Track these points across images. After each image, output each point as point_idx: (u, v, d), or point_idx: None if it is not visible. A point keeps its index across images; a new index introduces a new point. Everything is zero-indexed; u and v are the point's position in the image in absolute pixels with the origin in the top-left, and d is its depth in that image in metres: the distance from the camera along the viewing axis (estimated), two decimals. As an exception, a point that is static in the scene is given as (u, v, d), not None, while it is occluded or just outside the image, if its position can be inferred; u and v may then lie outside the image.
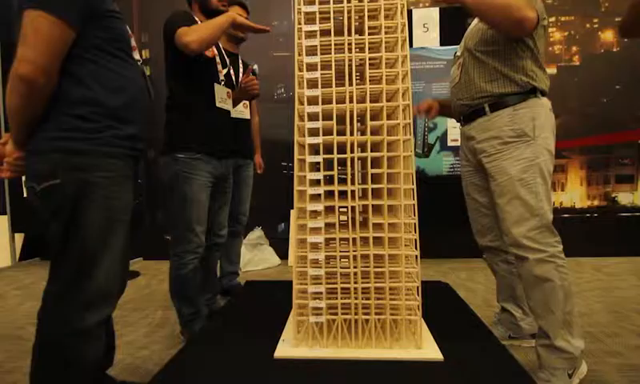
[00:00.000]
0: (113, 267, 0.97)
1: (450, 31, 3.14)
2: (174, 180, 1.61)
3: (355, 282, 1.13)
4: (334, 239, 1.15)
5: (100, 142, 0.92)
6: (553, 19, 3.51)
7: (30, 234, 3.78)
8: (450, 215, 2.63)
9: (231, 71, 1.95)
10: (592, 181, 3.53)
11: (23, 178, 0.97)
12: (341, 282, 1.14)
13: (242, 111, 2.22)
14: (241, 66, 2.24)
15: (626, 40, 3.33)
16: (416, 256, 1.13)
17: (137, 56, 1.08)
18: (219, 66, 1.72)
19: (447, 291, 1.78)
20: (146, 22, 3.72)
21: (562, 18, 3.54)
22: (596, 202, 3.53)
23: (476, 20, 1.48)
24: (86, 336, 0.96)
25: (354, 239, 1.14)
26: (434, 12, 3.17)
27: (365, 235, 1.14)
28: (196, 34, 1.45)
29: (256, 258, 3.30)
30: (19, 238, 3.79)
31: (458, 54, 1.54)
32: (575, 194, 3.55)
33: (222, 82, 1.73)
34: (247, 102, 2.26)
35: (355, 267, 1.13)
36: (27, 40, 0.84)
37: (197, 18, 1.67)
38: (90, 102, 0.92)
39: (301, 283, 1.16)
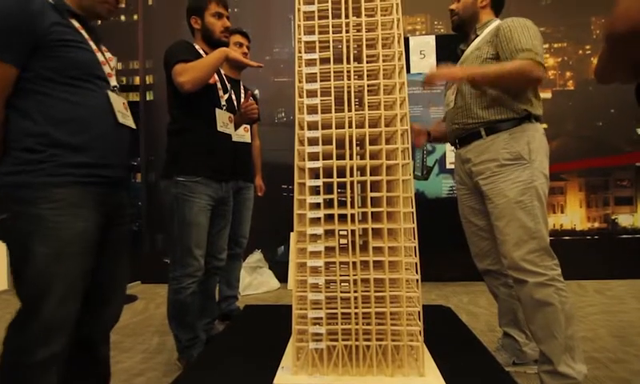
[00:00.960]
0: (65, 301, 0.94)
1: (446, 57, 3.22)
2: (174, 203, 1.62)
3: (356, 307, 1.12)
4: (334, 263, 1.15)
5: (44, 172, 0.91)
6: (546, 46, 3.61)
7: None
8: (450, 238, 2.62)
9: (233, 96, 1.99)
10: (591, 203, 3.54)
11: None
12: (341, 307, 1.12)
13: (242, 135, 2.25)
14: (242, 91, 2.29)
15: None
16: (417, 280, 1.12)
17: (113, 82, 1.07)
18: (220, 92, 1.76)
19: (449, 315, 1.75)
20: (149, 49, 3.82)
21: (556, 45, 3.65)
22: (596, 225, 3.53)
23: (472, 46, 1.53)
24: (39, 369, 0.93)
25: (354, 263, 1.13)
26: (431, 39, 3.27)
27: (365, 259, 1.13)
28: (190, 74, 1.50)
29: (255, 281, 3.27)
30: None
31: None
32: (575, 216, 3.55)
33: (224, 107, 1.76)
34: (248, 126, 2.29)
35: (356, 291, 1.12)
36: None
37: (198, 47, 1.72)
38: (35, 134, 0.92)
39: (300, 308, 1.15)
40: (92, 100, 0.99)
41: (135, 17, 3.80)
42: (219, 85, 1.76)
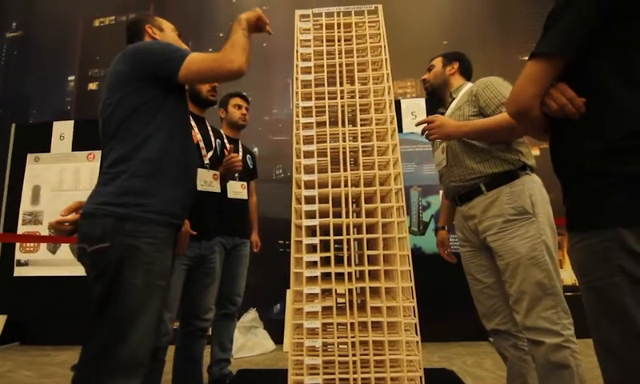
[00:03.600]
0: (147, 334, 0.96)
1: (434, 111, 3.39)
2: None
3: (354, 373, 1.07)
4: (332, 324, 1.12)
5: (148, 209, 0.98)
6: (530, 107, 3.82)
7: (12, 317, 3.60)
8: (451, 295, 2.56)
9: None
10: (589, 257, 3.52)
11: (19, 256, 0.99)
12: (339, 372, 1.07)
13: (238, 191, 2.28)
14: (241, 149, 2.37)
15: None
16: (417, 342, 1.09)
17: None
18: (203, 151, 1.78)
19: (453, 380, 1.67)
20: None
21: (539, 106, 3.86)
22: (597, 280, 3.48)
23: (452, 107, 1.61)
24: None
25: (351, 324, 1.10)
26: (421, 101, 3.47)
27: (363, 320, 1.11)
28: None
29: (249, 342, 3.12)
30: (1, 320, 3.59)
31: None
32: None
33: (207, 166, 1.78)
34: (245, 183, 2.33)
35: (354, 355, 1.08)
36: None
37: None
38: (146, 170, 0.99)
39: (297, 373, 1.09)
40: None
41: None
42: (202, 144, 1.78)
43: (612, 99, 0.72)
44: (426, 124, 1.44)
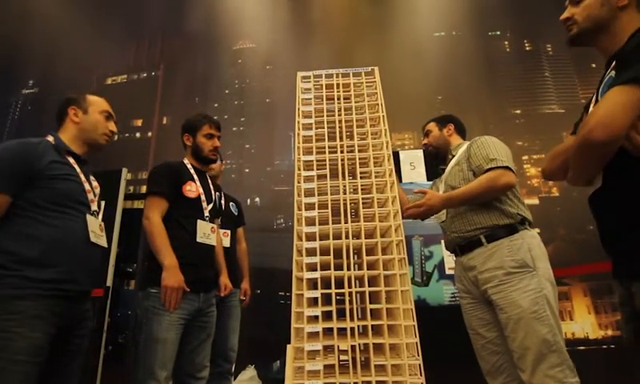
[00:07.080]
0: None
1: (433, 167, 3.47)
2: (144, 316, 1.53)
3: (359, 439, 1.00)
4: (334, 384, 1.07)
5: (9, 285, 1.01)
6: (526, 157, 3.92)
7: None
8: (458, 349, 2.44)
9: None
10: (599, 309, 3.41)
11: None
12: (342, 439, 1.00)
13: (220, 239, 2.24)
14: (222, 197, 2.38)
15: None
16: (424, 404, 1.03)
17: (94, 207, 1.24)
18: (204, 203, 1.80)
19: (465, 447, 1.54)
20: (158, 161, 4.10)
21: (535, 156, 3.96)
22: (610, 332, 3.34)
23: (452, 163, 1.66)
24: None
25: (355, 384, 1.05)
26: (419, 153, 3.56)
27: (367, 380, 1.06)
28: (149, 225, 1.60)
29: (247, 403, 2.92)
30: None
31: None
32: (586, 323, 3.39)
33: (207, 218, 1.78)
34: (228, 231, 2.30)
35: (358, 419, 1.02)
36: None
37: (187, 163, 1.83)
38: (9, 252, 1.04)
39: (297, 440, 1.02)
40: (69, 222, 1.15)
41: (149, 134, 4.18)
42: (203, 197, 1.79)
43: None
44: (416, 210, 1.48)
